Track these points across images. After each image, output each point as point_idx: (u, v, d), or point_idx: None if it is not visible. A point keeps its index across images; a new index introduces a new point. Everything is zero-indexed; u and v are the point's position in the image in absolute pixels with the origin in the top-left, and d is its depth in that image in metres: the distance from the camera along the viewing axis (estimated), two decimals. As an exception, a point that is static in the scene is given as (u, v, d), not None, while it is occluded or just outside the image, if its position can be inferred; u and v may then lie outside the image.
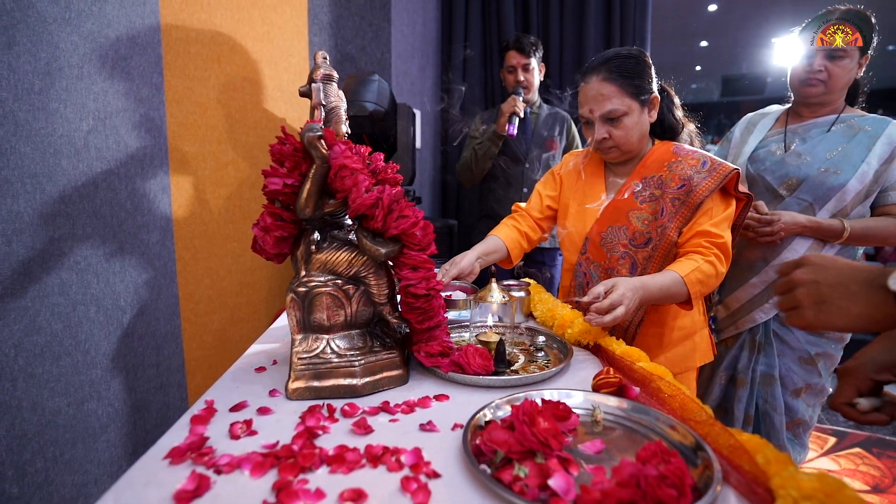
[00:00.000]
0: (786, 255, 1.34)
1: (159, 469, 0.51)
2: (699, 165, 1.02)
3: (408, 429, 0.61)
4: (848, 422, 2.59)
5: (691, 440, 0.54)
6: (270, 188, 0.67)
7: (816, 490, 0.41)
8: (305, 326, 0.72)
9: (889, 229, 1.26)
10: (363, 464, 0.52)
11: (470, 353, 0.75)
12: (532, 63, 1.99)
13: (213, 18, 1.57)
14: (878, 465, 2.12)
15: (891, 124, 1.27)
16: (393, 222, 0.66)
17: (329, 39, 2.11)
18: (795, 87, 1.35)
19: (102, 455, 1.37)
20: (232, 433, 0.58)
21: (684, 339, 1.11)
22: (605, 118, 1.04)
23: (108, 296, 1.34)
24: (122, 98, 1.34)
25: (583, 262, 1.12)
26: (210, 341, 1.64)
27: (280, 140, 0.67)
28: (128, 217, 1.37)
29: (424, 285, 0.70)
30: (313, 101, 0.70)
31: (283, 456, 0.52)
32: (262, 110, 1.78)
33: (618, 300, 0.82)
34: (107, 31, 1.30)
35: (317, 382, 0.69)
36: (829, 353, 1.39)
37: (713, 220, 0.99)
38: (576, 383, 0.76)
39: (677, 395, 0.66)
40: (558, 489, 0.46)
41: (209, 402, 0.66)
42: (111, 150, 1.33)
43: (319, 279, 0.71)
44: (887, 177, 1.26)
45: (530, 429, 0.52)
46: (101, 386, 1.35)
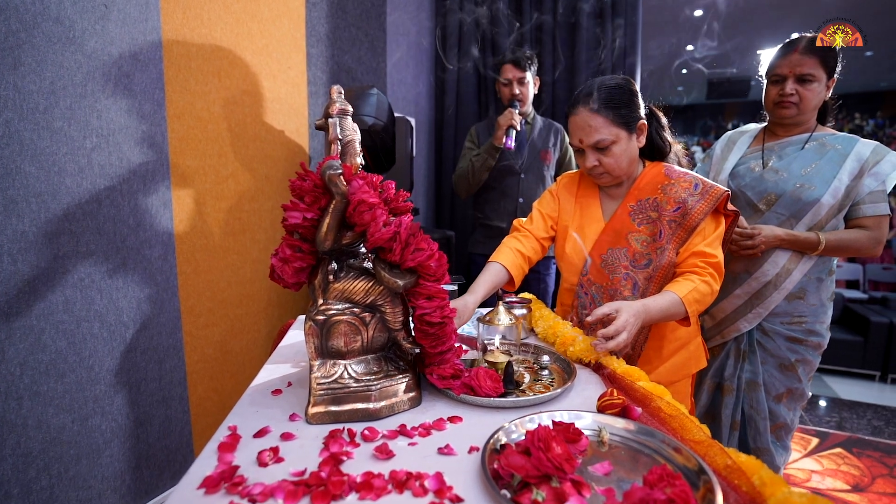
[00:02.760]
0: (766, 267, 1.41)
1: (195, 499, 0.54)
2: (692, 188, 1.07)
3: (426, 452, 0.65)
4: (830, 423, 2.69)
5: (694, 463, 0.58)
6: (291, 222, 0.69)
7: (808, 512, 0.45)
8: (323, 352, 0.75)
9: (861, 241, 1.35)
10: (389, 489, 0.56)
11: (480, 375, 0.79)
12: (527, 77, 2.03)
13: (214, 33, 1.58)
14: (859, 465, 2.22)
15: (858, 142, 1.36)
16: (410, 255, 0.69)
17: (326, 50, 2.13)
18: (770, 108, 1.43)
19: (106, 470, 1.38)
20: (260, 461, 0.61)
21: (681, 348, 1.17)
22: (594, 147, 1.08)
23: (111, 312, 1.35)
24: (124, 115, 1.35)
25: (584, 283, 1.16)
26: (211, 353, 1.66)
27: (300, 176, 0.70)
28: (130, 233, 1.38)
29: (439, 314, 0.73)
30: (330, 136, 0.73)
31: (314, 484, 0.55)
32: (262, 123, 1.79)
33: (621, 326, 0.87)
34: (109, 49, 1.31)
35: (335, 407, 0.72)
36: (808, 360, 1.46)
37: (707, 241, 1.05)
38: (580, 402, 0.80)
39: (677, 415, 0.71)
40: (574, 513, 0.50)
41: (232, 429, 0.68)
42: (114, 167, 1.34)
43: (337, 307, 0.74)
44: (857, 192, 1.34)
45: (545, 454, 0.55)
46: (104, 401, 1.36)
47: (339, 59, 2.21)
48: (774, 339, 1.47)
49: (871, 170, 1.33)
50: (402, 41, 2.57)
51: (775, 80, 1.39)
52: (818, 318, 1.45)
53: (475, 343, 1.02)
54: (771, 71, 1.41)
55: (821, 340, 1.46)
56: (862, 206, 1.36)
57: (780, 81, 1.37)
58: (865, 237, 1.35)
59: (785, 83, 1.36)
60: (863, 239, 1.35)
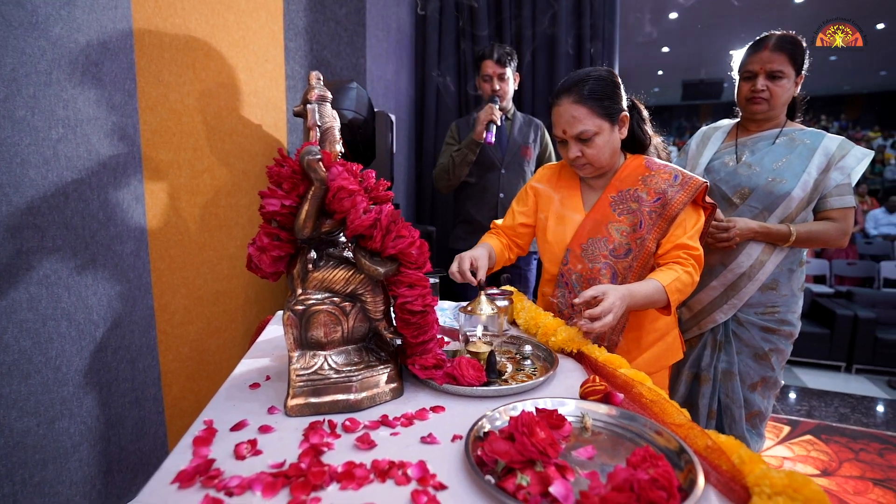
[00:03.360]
0: (741, 259, 1.45)
1: (169, 493, 0.51)
2: (671, 179, 1.09)
3: (409, 441, 0.64)
4: (800, 412, 2.78)
5: (675, 444, 0.59)
6: (268, 209, 0.68)
7: (787, 486, 0.46)
8: (303, 343, 0.73)
9: (829, 232, 1.40)
10: (371, 479, 0.55)
11: (463, 364, 0.78)
12: (507, 72, 2.04)
13: (188, 23, 1.54)
14: (827, 451, 2.30)
15: (825, 137, 1.41)
16: (390, 242, 0.68)
17: (304, 44, 2.09)
18: (743, 104, 1.47)
19: (75, 475, 1.32)
20: (237, 454, 0.59)
21: (658, 339, 1.19)
22: (577, 138, 1.09)
23: (80, 310, 1.30)
24: (93, 105, 1.30)
25: (564, 272, 1.17)
26: (186, 352, 1.61)
27: (278, 162, 0.68)
28: (100, 228, 1.33)
29: (420, 302, 0.72)
30: (309, 122, 0.72)
31: (294, 475, 0.54)
32: (239, 116, 1.75)
33: (608, 308, 0.89)
34: (76, 36, 1.25)
35: (315, 399, 0.70)
36: (780, 349, 1.51)
37: (688, 234, 1.07)
38: (563, 390, 0.81)
39: (658, 400, 0.72)
40: (559, 496, 0.50)
41: (208, 423, 0.66)
42: (82, 159, 1.28)
43: (316, 297, 0.72)
44: (825, 185, 1.39)
45: (529, 439, 0.55)
46: (73, 403, 1.30)
47: (318, 54, 2.17)
48: (749, 329, 1.50)
49: (837, 164, 1.38)
50: (381, 37, 2.55)
51: (747, 76, 1.43)
52: (790, 307, 1.49)
53: (457, 334, 1.02)
54: (743, 68, 1.44)
55: (792, 330, 1.50)
56: (829, 198, 1.40)
57: (752, 78, 1.41)
58: (833, 229, 1.39)
59: (756, 79, 1.40)
60: (831, 230, 1.39)
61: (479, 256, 1.12)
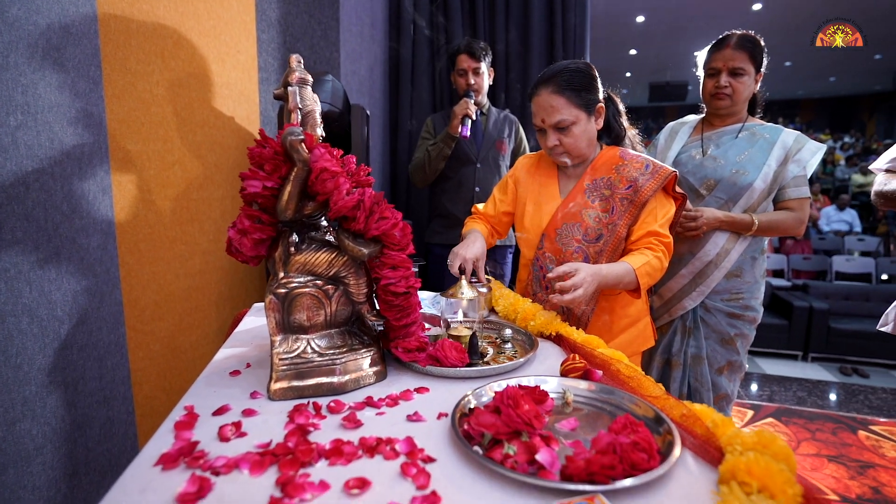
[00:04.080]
0: (708, 247, 1.51)
1: (152, 476, 0.50)
2: (643, 168, 1.14)
3: (395, 420, 0.64)
4: (762, 397, 2.92)
5: (652, 413, 0.62)
6: (249, 191, 0.67)
7: (756, 443, 0.49)
8: (285, 327, 0.73)
9: (787, 221, 1.48)
10: (360, 455, 0.55)
11: (446, 346, 0.79)
12: (482, 67, 2.06)
13: (156, 10, 1.49)
14: (787, 431, 2.42)
15: (783, 132, 1.50)
16: (374, 224, 0.69)
17: (277, 37, 2.06)
18: (707, 100, 1.55)
19: (38, 479, 1.26)
20: (221, 435, 0.58)
21: (630, 325, 1.23)
22: (555, 127, 1.13)
23: (42, 305, 1.24)
24: (55, 91, 1.24)
25: (540, 256, 1.20)
26: (158, 350, 1.56)
27: (259, 143, 0.67)
28: (64, 220, 1.28)
29: (404, 284, 0.73)
30: (290, 104, 0.71)
31: (281, 453, 0.53)
32: (210, 108, 1.71)
33: (579, 282, 0.92)
34: (35, 18, 1.20)
35: (299, 382, 0.70)
36: (745, 334, 1.58)
37: (659, 222, 1.12)
38: (544, 370, 0.83)
39: (634, 375, 0.74)
40: (545, 462, 0.51)
41: (189, 408, 0.65)
42: (44, 148, 1.23)
43: (299, 280, 0.72)
44: (783, 177, 1.47)
45: (515, 411, 0.57)
46: (35, 404, 1.24)
47: (292, 46, 2.14)
48: (716, 315, 1.57)
49: (794, 156, 1.46)
50: (355, 31, 2.53)
51: (711, 73, 1.50)
52: (753, 294, 1.57)
53: (437, 321, 1.03)
54: (707, 65, 1.51)
55: (756, 315, 1.58)
56: (787, 189, 1.48)
57: (715, 75, 1.48)
58: (791, 217, 1.47)
59: (719, 76, 1.47)
60: (789, 219, 1.48)
61: (479, 255, 1.14)
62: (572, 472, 0.49)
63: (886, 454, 2.19)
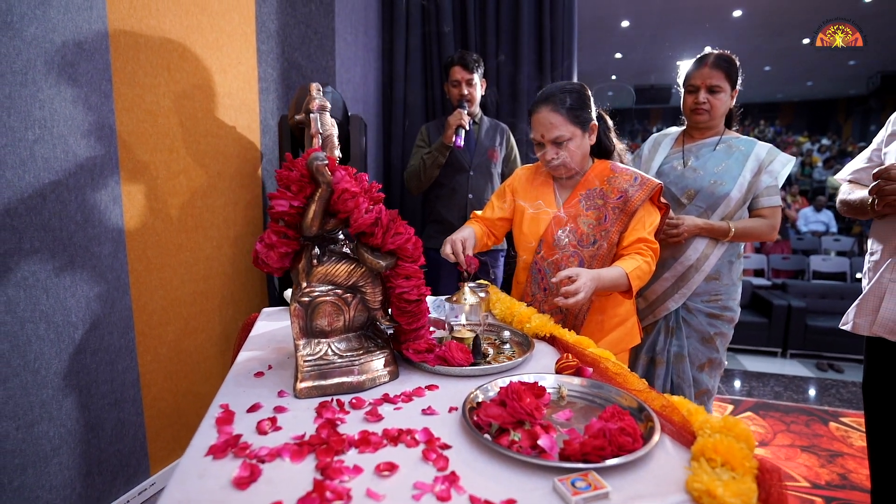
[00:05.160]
0: (689, 252, 1.62)
1: (206, 464, 0.58)
2: (632, 180, 1.25)
3: (412, 414, 0.72)
4: (742, 392, 3.05)
5: (636, 404, 0.70)
6: (277, 209, 0.74)
7: (722, 427, 0.59)
8: (308, 332, 0.80)
9: (761, 228, 1.60)
10: (385, 444, 0.63)
11: (452, 348, 0.87)
12: (475, 78, 2.15)
13: (163, 25, 1.55)
14: (764, 424, 2.55)
15: (757, 145, 1.62)
16: (390, 239, 0.77)
17: (276, 47, 2.12)
18: (687, 114, 1.67)
19: (55, 479, 1.31)
20: (260, 429, 0.65)
21: (619, 325, 1.33)
22: (553, 142, 1.23)
23: (58, 312, 1.30)
24: (69, 105, 1.30)
25: (538, 260, 1.30)
26: (165, 353, 1.61)
27: (286, 166, 0.75)
28: (78, 229, 1.33)
29: (416, 292, 0.81)
30: (312, 130, 0.78)
31: (316, 443, 0.61)
32: (213, 118, 1.76)
33: (581, 286, 1.03)
34: (52, 36, 1.25)
35: (322, 381, 0.78)
36: (724, 333, 1.69)
37: (647, 230, 1.23)
38: (540, 369, 0.91)
39: (621, 372, 0.83)
40: (546, 447, 0.60)
41: (224, 406, 0.72)
42: (59, 160, 1.28)
43: (321, 289, 0.79)
44: (757, 187, 1.59)
45: (519, 404, 0.65)
46: (52, 406, 1.30)
47: (290, 56, 2.20)
48: (697, 315, 1.68)
49: (767, 167, 1.58)
50: (350, 39, 2.60)
51: (690, 90, 1.61)
52: (731, 295, 1.68)
53: (443, 324, 1.11)
54: (686, 81, 1.62)
55: (733, 315, 1.69)
56: (761, 198, 1.60)
57: (695, 91, 1.59)
58: (764, 224, 1.59)
59: (698, 93, 1.58)
60: (763, 226, 1.59)
61: (468, 237, 1.25)
62: (569, 453, 0.58)
63: (854, 443, 2.34)
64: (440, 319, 1.12)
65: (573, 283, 1.03)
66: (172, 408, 1.66)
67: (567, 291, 1.02)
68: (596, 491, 0.52)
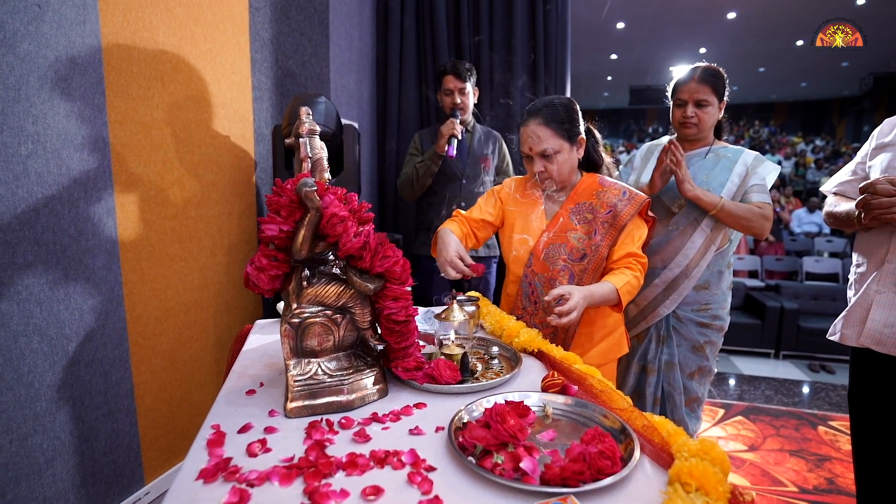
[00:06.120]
0: (679, 259, 1.64)
1: (196, 489, 0.59)
2: (621, 195, 1.27)
3: (399, 434, 0.74)
4: (733, 396, 3.09)
5: (618, 425, 0.72)
6: (268, 234, 0.75)
7: (699, 450, 0.61)
8: (298, 352, 0.82)
9: (753, 215, 1.55)
10: (372, 466, 0.64)
11: (441, 365, 0.89)
12: (467, 87, 2.16)
13: (156, 37, 1.55)
14: (754, 429, 2.59)
15: (744, 152, 1.64)
16: (378, 262, 0.78)
17: (270, 56, 2.13)
18: (676, 127, 1.69)
19: (48, 491, 1.32)
20: (250, 451, 0.67)
21: (607, 335, 1.35)
22: (541, 155, 1.24)
23: (52, 325, 1.30)
24: (62, 120, 1.30)
25: (528, 273, 1.32)
26: (159, 363, 1.62)
27: (276, 192, 0.76)
28: (72, 242, 1.34)
29: (404, 313, 0.83)
30: (301, 154, 0.80)
31: (305, 466, 0.62)
32: (207, 128, 1.77)
33: (574, 306, 1.04)
34: (45, 52, 1.26)
35: (312, 401, 0.79)
36: (713, 341, 1.72)
37: (636, 244, 1.26)
38: (527, 384, 0.93)
39: (605, 390, 0.85)
40: (527, 469, 0.62)
41: (216, 427, 0.73)
42: (52, 175, 1.29)
43: (311, 310, 0.81)
44: (746, 186, 1.60)
45: (502, 426, 0.67)
46: (45, 419, 1.31)
47: (284, 65, 2.21)
48: (687, 324, 1.71)
49: (753, 172, 1.61)
50: (344, 47, 2.61)
51: (679, 103, 1.63)
52: (720, 305, 1.70)
53: (432, 339, 1.12)
54: (674, 95, 1.65)
55: (723, 324, 1.72)
56: (751, 194, 1.60)
57: (683, 105, 1.61)
58: (756, 213, 1.56)
59: (686, 107, 1.60)
60: (754, 214, 1.56)
61: (458, 249, 1.23)
62: (549, 477, 0.59)
63: (842, 447, 2.37)
64: (430, 333, 1.14)
65: (567, 303, 1.05)
66: (167, 417, 1.67)
67: (561, 311, 1.04)
68: (574, 515, 0.54)
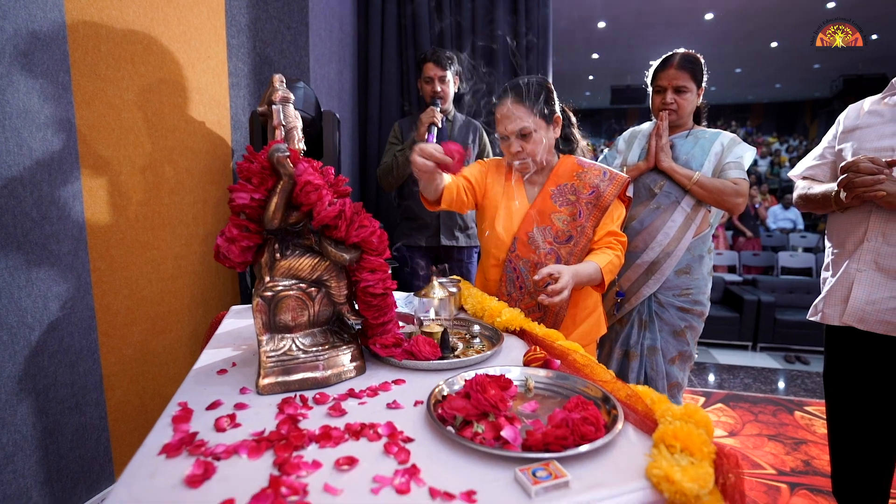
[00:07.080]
0: (659, 238, 1.66)
1: (158, 463, 0.56)
2: (602, 175, 1.26)
3: (376, 408, 0.71)
4: (713, 384, 3.13)
5: (600, 394, 0.71)
6: (238, 202, 0.72)
7: (683, 414, 0.59)
8: (271, 327, 0.78)
9: (727, 188, 1.57)
10: (346, 438, 0.62)
11: (420, 342, 0.86)
12: (448, 75, 2.14)
13: (125, 16, 1.50)
14: (734, 415, 2.62)
15: (721, 134, 1.68)
16: (354, 232, 0.75)
17: (247, 42, 2.07)
18: (656, 113, 1.71)
19: (8, 487, 1.26)
20: (218, 426, 0.63)
21: (588, 316, 1.35)
22: (517, 134, 1.23)
23: (11, 312, 1.24)
24: (23, 97, 1.24)
25: (512, 258, 1.30)
26: (130, 354, 1.56)
27: (247, 158, 0.73)
28: (34, 227, 1.27)
29: (381, 285, 0.80)
30: (274, 121, 0.77)
31: (275, 439, 0.59)
32: (181, 113, 1.71)
33: (564, 285, 1.04)
34: (2, 24, 1.20)
35: (286, 377, 0.76)
36: (694, 326, 1.73)
37: (616, 223, 1.26)
38: (508, 361, 0.91)
39: (588, 363, 0.84)
40: (509, 438, 0.60)
41: (182, 404, 0.70)
42: (12, 154, 1.22)
43: (284, 283, 0.78)
44: (723, 163, 1.62)
45: (483, 395, 0.65)
46: (5, 412, 1.24)
47: (262, 51, 2.16)
48: (668, 309, 1.71)
49: (730, 150, 1.63)
50: (324, 36, 2.56)
51: (658, 90, 1.64)
52: (701, 289, 1.72)
53: (409, 319, 1.10)
54: (654, 82, 1.66)
55: (703, 309, 1.73)
56: (727, 171, 1.62)
57: (662, 92, 1.62)
58: (730, 187, 1.58)
59: (665, 93, 1.61)
60: (728, 187, 1.57)
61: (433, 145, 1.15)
62: (531, 443, 0.58)
63: (817, 431, 2.42)
64: (409, 314, 1.11)
65: (557, 282, 1.04)
66: (139, 410, 1.61)
67: (553, 290, 1.04)
68: (556, 480, 0.52)
